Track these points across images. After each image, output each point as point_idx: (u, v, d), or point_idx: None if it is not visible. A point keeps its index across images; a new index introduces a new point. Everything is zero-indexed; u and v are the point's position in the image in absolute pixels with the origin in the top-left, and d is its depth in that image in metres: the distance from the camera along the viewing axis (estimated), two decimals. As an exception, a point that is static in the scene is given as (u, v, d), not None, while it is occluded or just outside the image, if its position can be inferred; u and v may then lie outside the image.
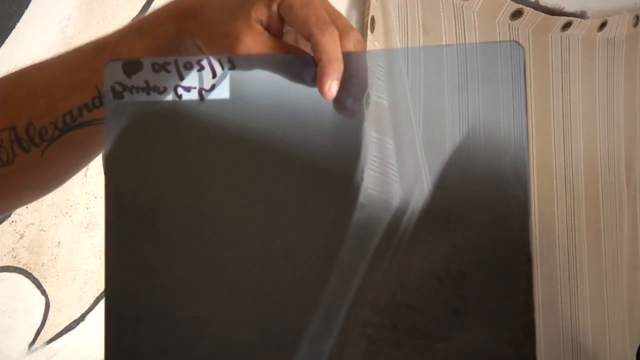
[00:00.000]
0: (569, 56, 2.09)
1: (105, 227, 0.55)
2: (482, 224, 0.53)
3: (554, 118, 2.01)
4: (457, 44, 1.73)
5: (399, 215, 0.55)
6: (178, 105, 0.56)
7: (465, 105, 0.54)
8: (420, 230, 0.54)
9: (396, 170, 0.59)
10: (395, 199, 0.55)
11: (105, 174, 0.55)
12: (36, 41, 1.19)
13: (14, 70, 0.67)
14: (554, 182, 2.02)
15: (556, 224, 1.98)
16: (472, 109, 0.54)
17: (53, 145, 0.63)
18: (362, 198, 0.55)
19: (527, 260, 0.52)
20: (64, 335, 1.29)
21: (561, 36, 2.08)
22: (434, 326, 0.53)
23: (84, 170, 1.27)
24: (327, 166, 0.55)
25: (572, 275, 2.05)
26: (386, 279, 0.54)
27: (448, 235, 0.54)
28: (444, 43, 1.78)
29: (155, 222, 0.56)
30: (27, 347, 1.25)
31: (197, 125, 0.56)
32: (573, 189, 2.02)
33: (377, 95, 0.60)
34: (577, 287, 2.04)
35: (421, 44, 1.73)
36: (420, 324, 0.53)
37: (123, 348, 0.56)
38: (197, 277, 0.56)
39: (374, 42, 1.66)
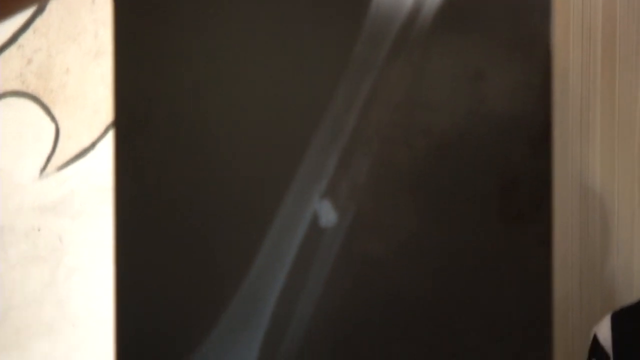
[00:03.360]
0: None
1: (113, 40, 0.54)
2: (501, 20, 0.52)
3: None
4: None
5: (414, 13, 0.53)
6: None
7: None
8: (436, 28, 0.53)
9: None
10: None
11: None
12: None
13: None
14: (570, 21, 1.97)
15: (570, 66, 1.95)
16: None
17: None
18: None
19: (547, 55, 0.50)
20: (75, 163, 1.29)
21: None
22: (448, 126, 0.52)
23: (91, -5, 1.24)
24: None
25: (585, 121, 2.03)
26: (401, 78, 0.53)
27: (465, 33, 0.52)
28: None
29: (165, 41, 0.55)
30: (38, 172, 1.26)
31: None
32: (590, 30, 1.98)
33: None
34: (588, 132, 2.03)
35: None
36: (435, 124, 0.52)
37: (132, 151, 0.55)
38: (206, 86, 0.55)
39: None
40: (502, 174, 0.51)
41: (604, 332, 1.29)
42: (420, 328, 0.54)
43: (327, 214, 0.53)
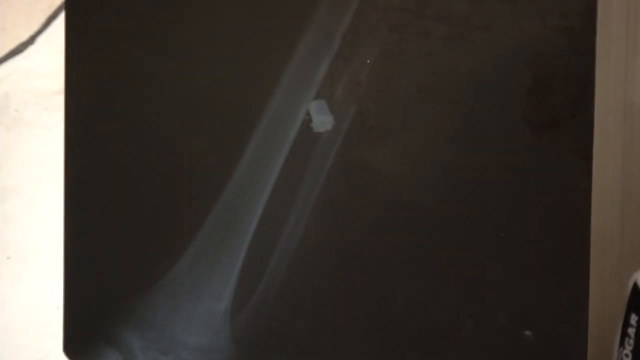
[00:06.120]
0: None
1: None
2: None
3: None
4: None
5: None
6: None
7: None
8: None
9: None
10: None
11: None
12: None
13: None
14: None
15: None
16: None
17: None
18: None
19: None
20: (10, 61, 1.29)
21: None
22: (471, 11, 0.52)
23: None
24: None
25: (631, 32, 2.03)
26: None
27: None
28: None
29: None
30: (-35, 71, 1.25)
31: None
32: None
33: None
34: (635, 43, 2.04)
35: None
36: (455, 9, 0.52)
37: (85, 33, 0.56)
38: None
39: None
40: (533, 70, 0.51)
41: (646, 279, 1.29)
42: (429, 253, 0.55)
43: (322, 117, 0.53)
